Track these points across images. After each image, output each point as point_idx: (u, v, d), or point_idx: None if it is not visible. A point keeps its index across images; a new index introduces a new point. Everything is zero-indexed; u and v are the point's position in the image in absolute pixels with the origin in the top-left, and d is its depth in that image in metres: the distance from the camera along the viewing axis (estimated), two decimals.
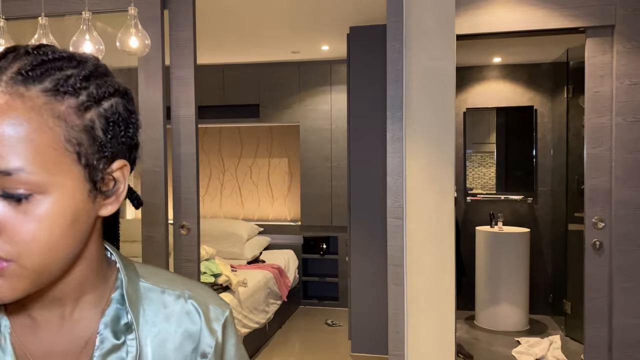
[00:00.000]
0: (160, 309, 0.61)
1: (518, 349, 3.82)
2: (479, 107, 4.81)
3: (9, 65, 0.49)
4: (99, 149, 0.52)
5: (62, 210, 0.49)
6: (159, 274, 0.64)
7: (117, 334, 0.58)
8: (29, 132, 0.47)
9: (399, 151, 2.33)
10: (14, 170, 0.47)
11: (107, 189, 0.54)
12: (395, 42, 2.32)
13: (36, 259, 0.49)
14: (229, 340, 0.65)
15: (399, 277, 2.35)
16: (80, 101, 0.51)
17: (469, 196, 4.81)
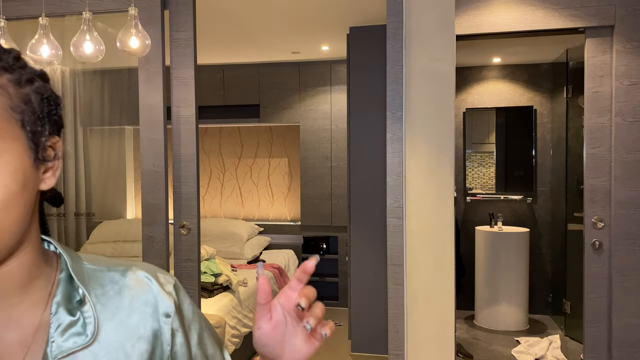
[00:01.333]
0: (110, 285, 0.62)
1: (518, 348, 3.82)
2: (478, 107, 4.81)
3: None
4: (38, 119, 0.57)
5: (13, 170, 0.52)
6: (100, 258, 0.66)
7: (71, 311, 0.58)
8: None
9: (398, 151, 2.34)
10: None
11: (48, 158, 0.58)
12: (395, 42, 2.33)
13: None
14: (184, 301, 0.67)
15: (398, 276, 2.35)
16: (16, 76, 0.56)
17: (468, 196, 4.82)
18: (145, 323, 0.62)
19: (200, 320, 0.69)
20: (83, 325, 0.58)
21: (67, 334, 0.57)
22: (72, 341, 0.57)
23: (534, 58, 4.55)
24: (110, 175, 4.04)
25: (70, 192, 3.67)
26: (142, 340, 0.61)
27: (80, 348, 0.57)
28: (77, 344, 0.57)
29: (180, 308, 0.65)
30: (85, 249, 3.73)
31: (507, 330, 4.22)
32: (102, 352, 0.58)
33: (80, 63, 3.12)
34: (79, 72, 3.66)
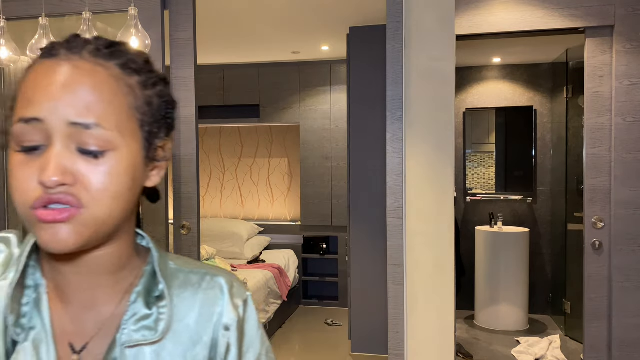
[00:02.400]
0: (187, 286, 0.64)
1: (518, 348, 3.82)
2: (478, 107, 4.81)
3: (84, 45, 0.57)
4: (155, 121, 0.60)
5: (126, 166, 0.56)
6: (186, 260, 0.68)
7: (148, 304, 0.61)
8: (108, 95, 0.55)
9: (398, 151, 2.34)
10: (93, 125, 0.53)
11: (158, 158, 0.62)
12: (395, 42, 2.33)
13: (104, 206, 0.54)
14: (250, 320, 0.67)
15: (398, 276, 2.35)
16: (143, 79, 0.59)
17: (468, 196, 4.82)
18: (208, 331, 0.63)
19: (262, 346, 0.68)
20: (155, 321, 0.60)
21: (139, 326, 0.60)
22: (142, 334, 0.59)
23: (534, 58, 4.55)
24: None
25: None
26: (202, 347, 0.63)
27: (147, 342, 0.59)
28: (146, 337, 0.59)
29: (242, 325, 0.65)
30: None
31: (507, 330, 4.22)
32: (165, 352, 0.60)
33: None
34: None
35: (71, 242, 0.53)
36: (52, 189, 0.52)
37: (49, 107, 0.53)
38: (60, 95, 0.53)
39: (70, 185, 0.53)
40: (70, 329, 0.60)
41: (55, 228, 0.53)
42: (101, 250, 0.59)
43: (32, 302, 0.60)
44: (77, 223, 0.53)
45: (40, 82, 0.54)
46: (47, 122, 0.53)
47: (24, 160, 0.54)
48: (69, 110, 0.53)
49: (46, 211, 0.52)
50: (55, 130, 0.53)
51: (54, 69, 0.54)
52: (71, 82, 0.54)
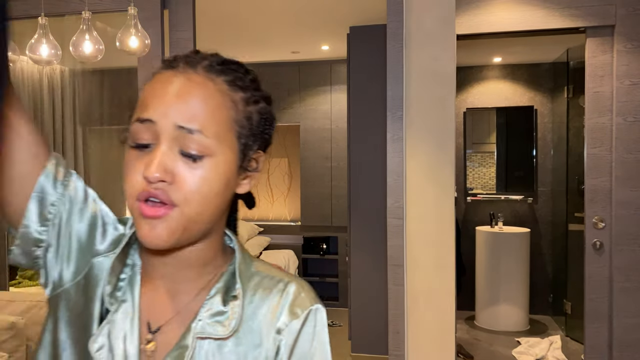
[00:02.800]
0: (261, 289, 0.68)
1: (518, 349, 3.81)
2: (479, 107, 4.80)
3: (200, 59, 0.64)
4: (252, 135, 0.66)
5: (220, 173, 0.62)
6: (267, 266, 0.72)
7: (225, 301, 0.65)
8: (213, 106, 0.62)
9: (399, 151, 2.33)
10: (196, 131, 0.60)
11: (250, 169, 0.67)
12: (395, 42, 2.32)
13: (195, 207, 0.60)
14: (308, 332, 0.66)
15: (399, 277, 2.34)
16: (247, 96, 0.66)
17: (469, 196, 4.81)
18: (269, 332, 0.66)
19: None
20: (228, 319, 0.64)
21: (213, 320, 0.64)
22: (214, 328, 0.64)
23: (535, 58, 4.54)
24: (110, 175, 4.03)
25: None
26: (263, 350, 0.65)
27: (217, 337, 0.64)
28: (217, 332, 0.63)
29: (298, 334, 0.66)
30: None
31: (507, 330, 4.22)
32: (229, 349, 0.64)
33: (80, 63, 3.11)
34: (79, 71, 3.65)
35: (165, 237, 0.60)
36: (153, 184, 0.59)
37: (161, 111, 0.60)
38: (172, 102, 0.60)
39: (168, 183, 0.59)
40: (151, 310, 0.66)
41: (153, 223, 0.59)
42: (190, 248, 0.65)
43: (128, 278, 0.68)
44: (170, 220, 0.59)
45: (158, 89, 0.62)
46: (158, 124, 0.60)
47: (136, 155, 0.61)
48: (177, 116, 0.60)
49: (147, 206, 0.59)
50: (164, 132, 0.60)
51: (171, 80, 0.62)
52: (183, 92, 0.61)
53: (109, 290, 0.65)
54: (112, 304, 0.65)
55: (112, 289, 0.66)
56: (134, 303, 0.66)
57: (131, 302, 0.66)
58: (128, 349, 0.64)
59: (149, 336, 0.65)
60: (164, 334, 0.65)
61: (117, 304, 0.65)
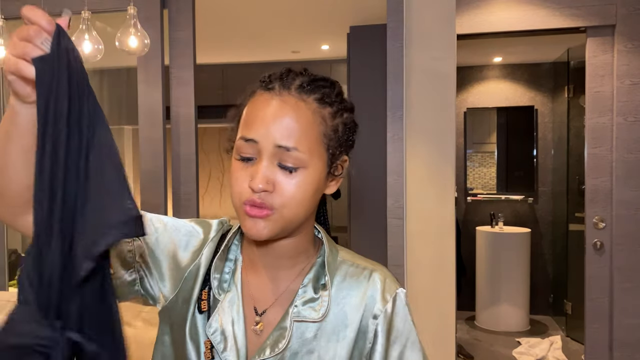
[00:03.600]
0: (349, 277, 0.78)
1: (519, 349, 3.81)
2: (479, 106, 4.80)
3: (293, 80, 0.74)
4: (338, 144, 0.76)
5: (312, 180, 0.72)
6: (354, 254, 0.83)
7: (315, 289, 0.76)
8: (306, 125, 0.71)
9: (399, 151, 2.33)
10: (292, 148, 0.70)
11: (337, 173, 0.78)
12: (396, 42, 2.32)
13: (291, 210, 0.71)
14: (400, 314, 0.77)
15: (399, 277, 2.34)
16: (334, 110, 0.75)
17: (469, 196, 4.80)
18: (358, 316, 0.76)
19: (408, 341, 0.77)
20: (319, 304, 0.75)
21: (306, 306, 0.75)
22: (307, 312, 0.75)
23: (535, 57, 4.53)
24: None
25: None
26: (351, 330, 0.76)
27: (310, 320, 0.75)
28: (310, 316, 0.75)
29: (391, 317, 0.77)
30: None
31: (508, 331, 4.21)
32: (321, 330, 0.75)
33: None
34: None
35: (265, 233, 0.71)
36: (257, 193, 0.70)
37: (262, 133, 0.70)
38: (271, 124, 0.70)
39: (270, 192, 0.70)
40: (256, 296, 0.78)
41: (256, 221, 0.71)
42: (286, 240, 0.76)
43: (231, 272, 0.80)
44: (270, 220, 0.71)
45: (258, 112, 0.72)
46: (260, 144, 0.70)
47: (241, 166, 0.73)
48: (276, 136, 0.70)
49: (252, 209, 0.70)
50: (265, 149, 0.70)
51: (269, 102, 0.72)
52: (279, 114, 0.70)
53: (216, 283, 0.78)
54: (220, 294, 0.78)
55: (218, 282, 0.78)
56: (237, 292, 0.78)
57: (235, 291, 0.78)
58: (236, 331, 0.76)
59: (257, 318, 0.77)
60: (268, 315, 0.77)
61: (224, 294, 0.78)
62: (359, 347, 0.76)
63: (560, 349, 3.77)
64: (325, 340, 0.75)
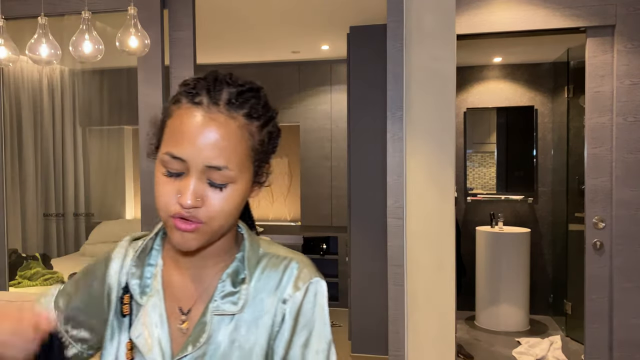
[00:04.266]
0: (269, 267, 0.80)
1: (518, 349, 3.81)
2: (479, 107, 4.80)
3: (220, 93, 0.73)
4: (264, 154, 0.77)
5: (239, 193, 0.74)
6: (277, 246, 0.85)
7: (234, 284, 0.79)
8: (235, 143, 0.71)
9: (399, 151, 2.33)
10: (223, 167, 0.70)
11: (261, 180, 0.79)
12: (396, 42, 2.32)
13: (219, 222, 0.73)
14: (309, 302, 0.78)
15: (399, 277, 2.34)
16: (261, 123, 0.75)
17: (469, 196, 4.80)
18: (273, 303, 0.78)
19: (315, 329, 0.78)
20: (238, 298, 0.77)
21: (225, 299, 0.77)
22: (226, 306, 0.77)
23: (535, 57, 4.54)
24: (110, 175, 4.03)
25: (69, 192, 3.65)
26: (269, 316, 0.78)
27: (229, 313, 0.77)
28: (230, 309, 0.77)
29: (301, 304, 0.78)
30: (84, 249, 3.72)
31: (507, 331, 4.21)
32: (242, 320, 0.77)
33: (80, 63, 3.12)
34: (78, 71, 3.65)
35: (194, 244, 0.73)
36: (186, 209, 0.70)
37: (191, 152, 0.70)
38: (201, 143, 0.70)
39: (199, 208, 0.71)
40: (179, 296, 0.80)
41: (184, 234, 0.72)
42: (213, 244, 0.78)
43: (152, 277, 0.82)
44: (198, 233, 0.72)
45: (186, 129, 0.71)
46: (189, 162, 0.70)
47: (167, 181, 0.72)
48: (206, 156, 0.70)
49: (181, 222, 0.71)
50: (194, 168, 0.70)
51: (198, 120, 0.71)
52: (209, 134, 0.70)
53: (136, 289, 0.80)
54: (142, 298, 0.80)
55: (139, 287, 0.81)
56: (160, 295, 0.80)
57: (158, 295, 0.80)
58: (160, 332, 0.78)
59: (183, 317, 0.79)
60: (193, 313, 0.79)
61: (147, 298, 0.80)
62: (273, 332, 0.78)
63: (560, 349, 3.77)
64: (245, 330, 0.77)
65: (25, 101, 3.46)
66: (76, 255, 3.64)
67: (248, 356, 0.77)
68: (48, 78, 3.55)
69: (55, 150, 3.60)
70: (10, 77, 3.31)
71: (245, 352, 0.77)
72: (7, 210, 2.76)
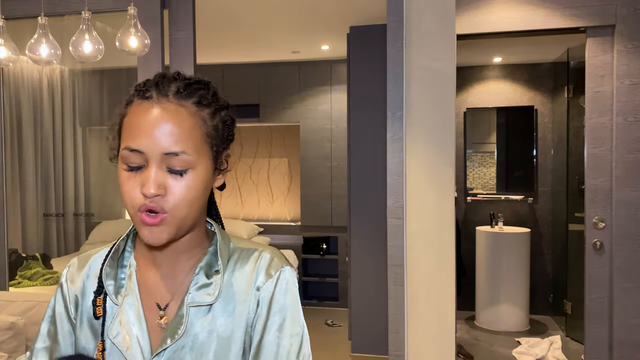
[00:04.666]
0: (242, 260, 0.84)
1: (518, 349, 3.81)
2: (479, 107, 4.80)
3: (169, 86, 0.76)
4: (220, 141, 0.80)
5: (200, 179, 0.76)
6: (246, 241, 0.88)
7: (208, 275, 0.81)
8: (189, 129, 0.75)
9: (399, 151, 2.33)
10: (180, 152, 0.73)
11: (222, 168, 0.82)
12: (396, 42, 2.32)
13: (183, 210, 0.75)
14: (282, 290, 0.82)
15: (399, 277, 2.34)
16: (212, 110, 0.79)
17: (469, 196, 4.81)
18: (248, 291, 0.81)
19: (288, 316, 0.81)
20: (213, 289, 0.80)
21: (200, 291, 0.80)
22: (202, 297, 0.80)
23: (535, 57, 4.54)
24: (109, 175, 4.03)
25: (69, 192, 3.66)
26: (244, 305, 0.81)
27: (205, 304, 0.79)
28: (205, 300, 0.79)
29: (274, 290, 0.81)
30: (84, 249, 3.72)
31: (507, 330, 4.21)
32: (217, 310, 0.80)
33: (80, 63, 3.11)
34: (78, 71, 3.65)
35: (164, 237, 0.75)
36: (149, 198, 0.73)
37: (147, 143, 0.73)
38: (155, 133, 0.73)
39: (162, 196, 0.73)
40: (155, 293, 0.82)
41: (152, 229, 0.75)
42: (181, 239, 0.81)
43: (127, 277, 0.84)
44: (165, 224, 0.75)
45: (140, 121, 0.74)
46: (147, 153, 0.73)
47: (130, 175, 0.75)
48: (163, 144, 0.73)
49: (147, 217, 0.74)
50: (152, 158, 0.73)
51: (149, 111, 0.74)
52: (162, 122, 0.73)
53: (111, 289, 0.82)
54: (118, 298, 0.82)
55: (113, 288, 0.82)
56: (135, 294, 0.82)
57: (132, 295, 0.82)
58: (138, 330, 0.80)
59: (161, 312, 0.81)
60: (170, 309, 0.81)
61: (122, 298, 0.82)
62: (250, 319, 0.81)
63: (560, 349, 3.77)
64: (222, 320, 0.80)
65: (25, 101, 3.46)
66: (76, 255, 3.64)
67: (227, 345, 0.79)
68: (48, 78, 3.55)
69: (55, 150, 3.60)
70: (10, 77, 3.31)
71: (224, 341, 0.79)
72: (7, 210, 2.76)
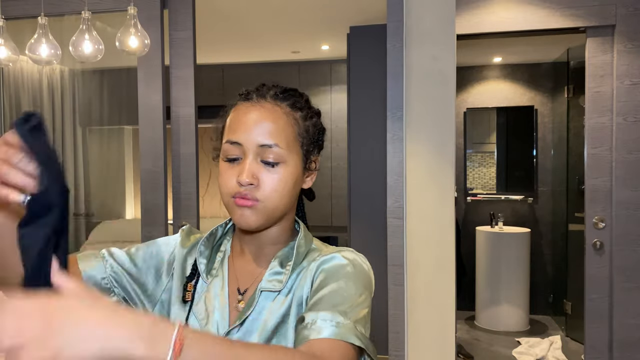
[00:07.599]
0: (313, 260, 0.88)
1: (518, 349, 3.81)
2: (479, 107, 4.80)
3: (267, 91, 0.87)
4: (310, 143, 0.90)
5: (290, 174, 0.85)
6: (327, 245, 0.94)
7: (282, 265, 0.88)
8: (282, 126, 0.84)
9: (399, 151, 2.33)
10: (273, 145, 0.83)
11: (311, 168, 0.93)
12: (396, 42, 2.32)
13: (273, 201, 0.83)
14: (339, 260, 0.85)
15: (399, 277, 2.34)
16: (304, 114, 0.89)
17: (469, 196, 4.80)
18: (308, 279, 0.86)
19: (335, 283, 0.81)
20: (283, 277, 0.87)
21: (272, 278, 0.87)
22: (272, 283, 0.87)
23: (535, 57, 4.54)
24: (110, 175, 4.03)
25: None
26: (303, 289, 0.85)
27: (274, 290, 0.86)
28: (274, 287, 0.86)
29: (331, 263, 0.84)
30: (84, 249, 3.72)
31: (507, 330, 4.21)
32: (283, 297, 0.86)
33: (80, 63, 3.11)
34: (78, 71, 3.65)
35: (253, 220, 0.83)
36: (244, 187, 0.82)
37: (245, 136, 0.83)
38: (253, 127, 0.83)
39: (255, 186, 0.82)
40: (240, 278, 0.91)
41: (244, 210, 0.83)
42: (269, 229, 0.89)
43: (220, 260, 0.94)
44: (256, 210, 0.83)
45: (241, 118, 0.85)
46: (244, 145, 0.83)
47: (228, 166, 0.84)
48: (258, 137, 0.82)
49: (240, 199, 0.82)
50: (249, 150, 0.83)
51: (249, 109, 0.85)
52: (260, 118, 0.84)
53: (203, 268, 0.91)
54: (209, 278, 0.91)
55: (205, 267, 0.91)
56: (224, 277, 0.91)
57: (221, 276, 0.91)
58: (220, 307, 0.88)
59: (239, 297, 0.89)
60: (248, 293, 0.89)
61: (212, 278, 0.91)
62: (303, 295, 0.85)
63: (560, 349, 3.77)
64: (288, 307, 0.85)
65: (25, 101, 3.46)
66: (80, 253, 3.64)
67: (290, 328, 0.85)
68: (48, 78, 3.55)
69: None
70: (10, 77, 3.31)
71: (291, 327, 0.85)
72: None
